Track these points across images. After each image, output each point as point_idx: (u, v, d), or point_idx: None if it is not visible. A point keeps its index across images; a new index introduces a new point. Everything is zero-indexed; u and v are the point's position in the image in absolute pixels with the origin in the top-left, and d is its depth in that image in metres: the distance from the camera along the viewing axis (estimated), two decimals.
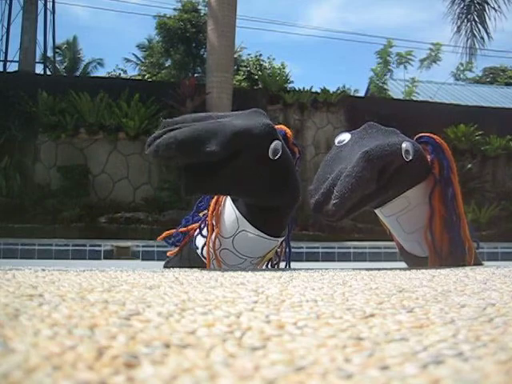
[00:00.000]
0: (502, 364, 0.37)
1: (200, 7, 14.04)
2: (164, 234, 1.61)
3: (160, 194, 7.19)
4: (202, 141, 1.19)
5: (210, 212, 1.45)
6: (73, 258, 4.96)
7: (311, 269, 1.57)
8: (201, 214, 1.56)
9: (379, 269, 1.23)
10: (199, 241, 1.49)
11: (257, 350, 0.41)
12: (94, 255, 5.02)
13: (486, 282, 0.93)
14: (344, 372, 0.36)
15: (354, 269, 1.26)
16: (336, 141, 1.40)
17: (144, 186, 7.43)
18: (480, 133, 8.23)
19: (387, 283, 0.91)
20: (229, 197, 1.43)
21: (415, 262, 1.52)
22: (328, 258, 4.93)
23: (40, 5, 12.42)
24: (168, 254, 1.66)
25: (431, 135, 1.50)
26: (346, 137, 1.40)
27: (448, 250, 1.44)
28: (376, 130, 1.39)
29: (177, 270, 1.18)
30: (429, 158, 1.45)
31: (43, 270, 1.06)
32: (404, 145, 1.33)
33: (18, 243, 5.08)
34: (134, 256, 5.03)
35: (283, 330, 0.49)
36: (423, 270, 1.18)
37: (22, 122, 6.99)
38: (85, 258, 4.97)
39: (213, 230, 1.43)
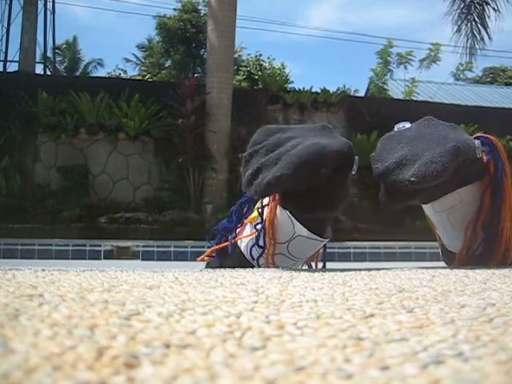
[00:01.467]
0: (501, 364, 0.37)
1: (200, 7, 14.05)
2: (206, 254, 1.63)
3: (160, 194, 7.20)
4: (310, 166, 1.23)
5: (267, 221, 1.46)
6: (73, 258, 4.97)
7: (311, 269, 1.57)
8: (247, 220, 1.57)
9: (379, 269, 1.23)
10: (255, 252, 1.50)
11: (257, 350, 0.41)
12: (94, 255, 5.03)
13: (486, 282, 0.93)
14: (344, 372, 0.36)
15: (354, 269, 1.26)
16: (396, 127, 1.44)
17: (144, 186, 7.44)
18: (480, 133, 8.23)
19: (387, 283, 0.91)
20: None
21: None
22: (328, 258, 4.92)
23: (40, 5, 12.44)
24: (198, 259, 1.68)
25: (488, 136, 1.52)
26: (406, 124, 1.44)
27: (477, 249, 1.45)
28: (438, 122, 1.42)
29: (177, 270, 1.18)
30: (485, 158, 1.46)
31: (43, 270, 1.06)
32: (477, 142, 1.37)
33: (17, 243, 5.08)
34: (133, 256, 5.03)
35: (283, 330, 0.49)
36: (423, 270, 1.18)
37: (22, 122, 7.00)
38: (85, 258, 4.97)
39: (270, 239, 1.46)
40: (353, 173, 1.37)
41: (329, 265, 1.65)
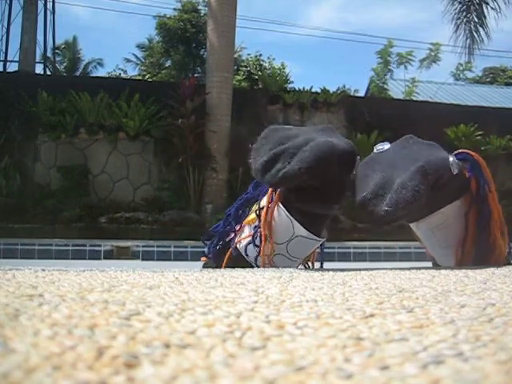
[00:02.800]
0: (501, 364, 0.37)
1: (200, 7, 14.05)
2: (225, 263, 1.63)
3: (160, 194, 7.20)
4: (327, 162, 1.30)
5: (262, 222, 1.48)
6: (73, 258, 4.96)
7: (311, 269, 1.57)
8: (245, 222, 1.58)
9: (379, 269, 1.23)
10: (251, 251, 1.51)
11: (257, 350, 0.41)
12: (94, 255, 5.02)
13: (486, 282, 0.93)
14: (344, 372, 0.36)
15: (354, 269, 1.26)
16: (375, 149, 1.46)
17: (144, 186, 7.43)
18: (480, 133, 8.23)
19: (387, 283, 0.91)
20: (281, 204, 1.48)
21: None
22: (328, 258, 4.92)
23: (40, 5, 12.44)
24: (202, 259, 1.68)
25: (469, 152, 1.50)
26: (385, 145, 1.44)
27: (469, 264, 1.45)
28: (416, 141, 1.43)
29: (177, 270, 1.18)
30: (467, 175, 1.45)
31: (43, 270, 1.06)
32: (451, 159, 1.36)
33: (17, 243, 5.07)
34: (133, 256, 5.03)
35: (283, 330, 0.49)
36: (423, 270, 1.18)
37: (21, 122, 6.99)
38: (85, 258, 4.97)
39: (266, 240, 1.48)
40: (354, 173, 1.39)
41: (329, 265, 1.65)
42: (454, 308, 0.63)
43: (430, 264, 1.61)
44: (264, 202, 1.51)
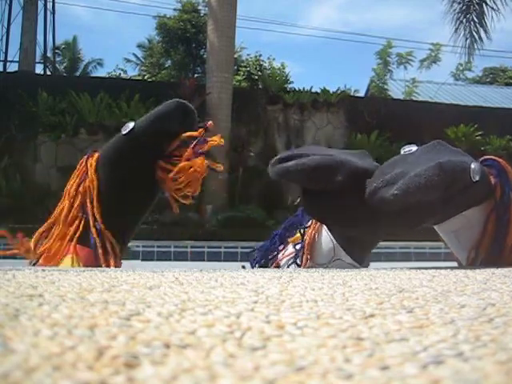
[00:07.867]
0: (502, 364, 0.37)
1: (200, 7, 14.03)
2: None
3: (160, 194, 7.20)
4: (331, 170, 1.33)
5: (306, 241, 1.53)
6: None
7: (311, 269, 1.58)
8: (291, 240, 1.62)
9: (379, 269, 1.23)
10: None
11: (257, 350, 0.41)
12: None
13: (486, 282, 0.93)
14: (344, 372, 0.36)
15: (354, 269, 1.26)
16: (402, 150, 1.46)
17: None
18: (480, 133, 8.24)
19: (387, 283, 0.91)
20: (325, 226, 1.51)
21: None
22: None
23: (40, 5, 12.44)
24: None
25: (496, 158, 1.51)
26: (412, 147, 1.44)
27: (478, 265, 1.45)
28: (444, 147, 1.42)
29: (177, 270, 1.18)
30: (493, 181, 1.45)
31: (43, 270, 1.06)
32: (473, 165, 1.35)
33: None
34: (133, 256, 5.03)
35: (283, 330, 0.49)
36: (423, 270, 1.18)
37: (22, 122, 6.99)
38: None
39: (307, 260, 1.52)
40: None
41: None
42: (454, 308, 0.63)
43: (430, 264, 1.61)
44: (310, 222, 1.54)
